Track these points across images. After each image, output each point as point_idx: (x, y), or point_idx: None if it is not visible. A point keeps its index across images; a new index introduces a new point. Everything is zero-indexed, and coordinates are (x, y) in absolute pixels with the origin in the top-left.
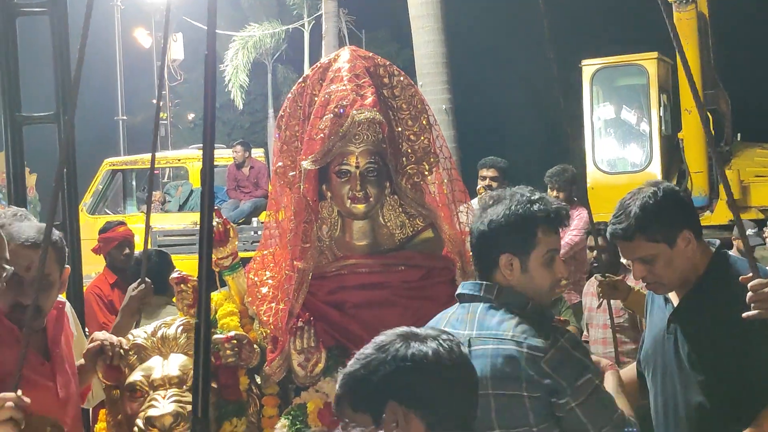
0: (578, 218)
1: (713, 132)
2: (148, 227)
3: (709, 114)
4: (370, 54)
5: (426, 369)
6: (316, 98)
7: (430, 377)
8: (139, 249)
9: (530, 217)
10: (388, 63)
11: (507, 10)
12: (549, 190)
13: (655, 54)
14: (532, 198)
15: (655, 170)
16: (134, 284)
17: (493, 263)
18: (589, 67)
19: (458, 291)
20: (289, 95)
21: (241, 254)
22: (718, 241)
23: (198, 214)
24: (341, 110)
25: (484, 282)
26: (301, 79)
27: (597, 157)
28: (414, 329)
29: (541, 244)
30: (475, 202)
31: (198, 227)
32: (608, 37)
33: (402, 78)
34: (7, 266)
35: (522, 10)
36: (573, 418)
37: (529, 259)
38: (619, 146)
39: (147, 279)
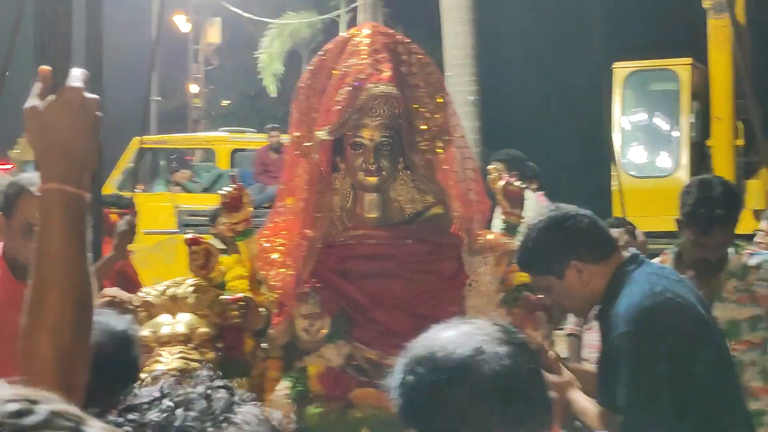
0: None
1: (744, 141)
2: None
3: (741, 123)
4: (391, 31)
5: None
6: (334, 71)
7: None
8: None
9: None
10: (408, 41)
11: (540, 6)
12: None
13: (689, 60)
14: None
15: (683, 176)
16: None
17: None
18: (621, 69)
19: None
20: (309, 67)
21: None
22: (633, 251)
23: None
24: (358, 83)
25: None
26: (321, 52)
27: (625, 160)
28: None
29: None
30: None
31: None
32: (641, 41)
33: (420, 56)
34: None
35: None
36: None
37: None
38: (648, 150)
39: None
